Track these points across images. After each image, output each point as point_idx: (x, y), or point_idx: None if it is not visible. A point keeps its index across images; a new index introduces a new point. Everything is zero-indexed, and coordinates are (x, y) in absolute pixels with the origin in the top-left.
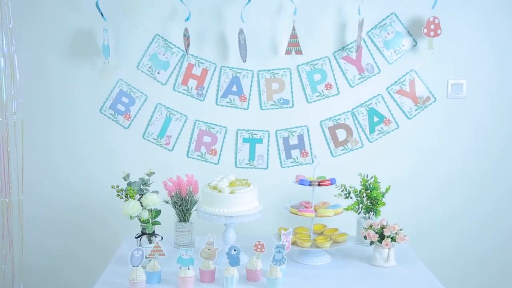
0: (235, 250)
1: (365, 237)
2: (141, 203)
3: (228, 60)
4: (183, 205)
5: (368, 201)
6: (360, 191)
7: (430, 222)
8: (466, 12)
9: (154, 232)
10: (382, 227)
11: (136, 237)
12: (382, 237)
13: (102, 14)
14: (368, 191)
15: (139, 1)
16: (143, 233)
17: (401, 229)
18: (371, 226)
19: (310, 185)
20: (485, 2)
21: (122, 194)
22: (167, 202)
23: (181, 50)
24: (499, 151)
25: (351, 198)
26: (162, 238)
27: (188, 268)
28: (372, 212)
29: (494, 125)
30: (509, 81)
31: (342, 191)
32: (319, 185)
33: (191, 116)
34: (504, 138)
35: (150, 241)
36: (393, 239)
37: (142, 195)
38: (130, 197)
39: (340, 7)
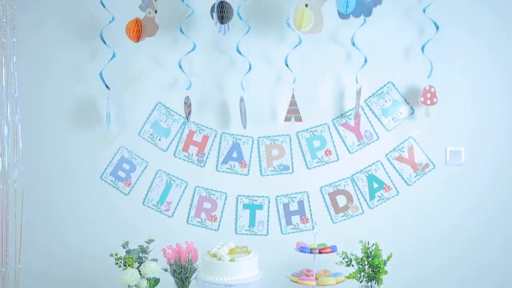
0: None
1: None
2: (139, 271)
3: (228, 127)
4: (182, 273)
5: (370, 269)
6: (361, 258)
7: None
8: (462, 80)
9: None
10: None
11: None
12: None
13: (106, 84)
14: (370, 259)
15: (141, 71)
16: None
17: None
18: None
19: (311, 252)
20: (480, 69)
21: (120, 262)
22: (166, 270)
23: (182, 117)
24: (499, 217)
25: (353, 266)
26: None
27: None
28: (374, 281)
29: (494, 192)
30: (507, 148)
31: (344, 258)
32: (320, 252)
33: (192, 182)
34: (503, 204)
35: None
36: None
37: (141, 263)
38: (129, 265)
39: (338, 75)
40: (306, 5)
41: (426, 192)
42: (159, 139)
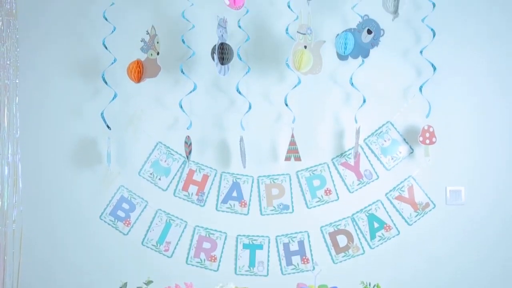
0: None
1: None
2: None
3: (228, 166)
4: None
5: None
6: None
7: None
8: (461, 120)
9: None
10: None
11: None
12: None
13: (107, 125)
14: None
15: (142, 111)
16: None
17: None
18: None
19: None
20: (479, 109)
21: None
22: None
23: (182, 157)
24: (501, 257)
25: None
26: None
27: None
28: None
29: (494, 232)
30: (508, 188)
31: None
32: None
33: (191, 221)
34: (504, 244)
35: None
36: None
37: None
38: None
39: (337, 115)
40: (305, 47)
41: (427, 232)
42: (159, 179)
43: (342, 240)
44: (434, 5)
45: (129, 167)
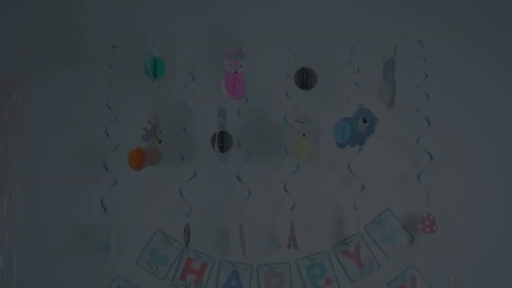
0: None
1: None
2: None
3: (227, 254)
4: None
5: None
6: None
7: None
8: (461, 208)
9: None
10: None
11: None
12: None
13: (106, 212)
14: None
15: (142, 199)
16: None
17: None
18: None
19: None
20: (478, 198)
21: None
22: None
23: (181, 245)
24: None
25: None
26: None
27: None
28: None
29: None
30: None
31: None
32: None
33: None
34: None
35: None
36: None
37: None
38: None
39: (336, 202)
40: (304, 135)
41: None
42: (157, 267)
43: None
44: (427, 96)
45: (126, 256)
